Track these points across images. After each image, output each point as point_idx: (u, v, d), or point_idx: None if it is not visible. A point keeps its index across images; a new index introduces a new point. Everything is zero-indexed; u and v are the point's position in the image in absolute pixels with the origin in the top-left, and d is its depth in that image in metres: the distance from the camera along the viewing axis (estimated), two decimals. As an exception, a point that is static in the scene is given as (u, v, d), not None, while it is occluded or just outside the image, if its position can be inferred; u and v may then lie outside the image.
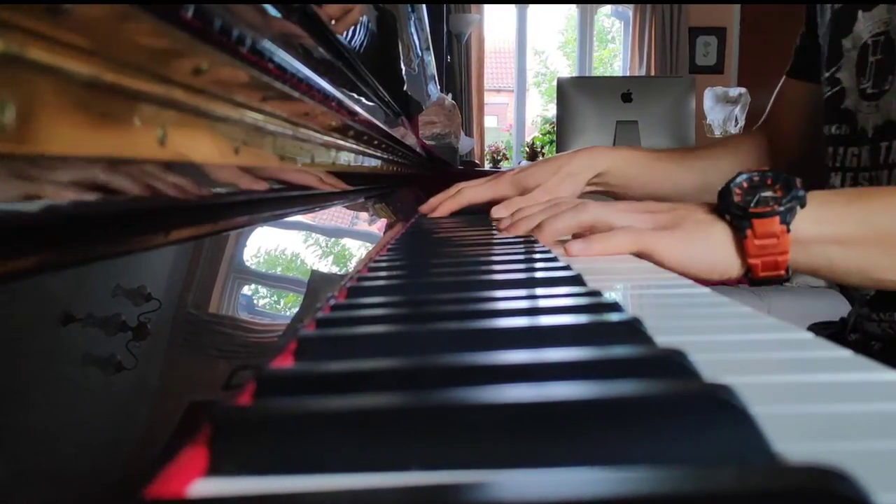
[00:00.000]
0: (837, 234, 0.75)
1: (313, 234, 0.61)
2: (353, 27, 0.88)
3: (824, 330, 1.18)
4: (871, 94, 1.02)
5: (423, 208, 1.22)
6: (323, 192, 0.70)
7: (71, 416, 0.22)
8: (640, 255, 0.77)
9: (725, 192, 0.76)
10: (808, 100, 1.21)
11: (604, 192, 1.26)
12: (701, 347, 0.34)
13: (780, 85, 1.28)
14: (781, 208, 0.73)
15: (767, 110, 1.30)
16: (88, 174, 0.25)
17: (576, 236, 0.83)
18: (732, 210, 0.75)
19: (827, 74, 1.09)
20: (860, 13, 1.03)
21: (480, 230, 0.99)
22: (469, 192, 1.21)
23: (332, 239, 0.69)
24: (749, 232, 0.74)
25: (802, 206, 0.74)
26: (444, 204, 1.21)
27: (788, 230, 0.73)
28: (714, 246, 0.77)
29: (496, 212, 1.09)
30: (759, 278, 0.76)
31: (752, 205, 0.74)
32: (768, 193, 0.74)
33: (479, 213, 1.20)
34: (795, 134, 1.24)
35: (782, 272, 0.75)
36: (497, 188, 1.20)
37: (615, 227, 0.80)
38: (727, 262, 0.77)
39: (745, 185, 0.76)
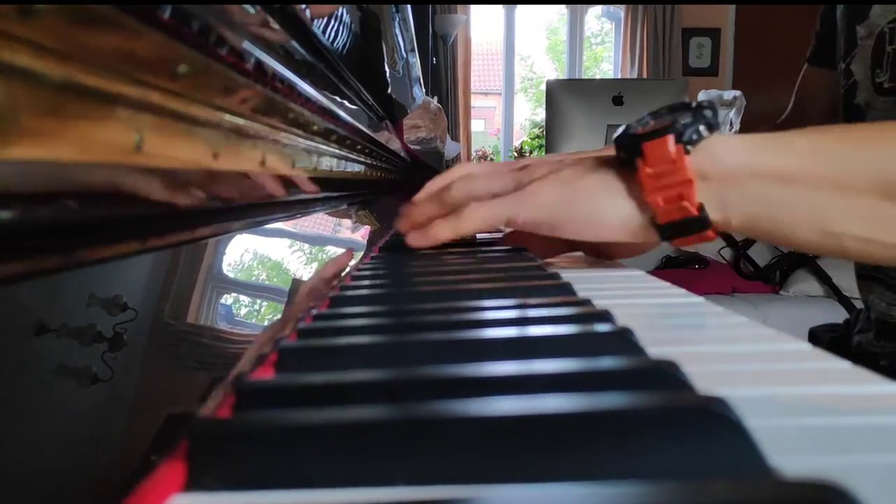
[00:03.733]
0: (776, 165, 0.59)
1: (294, 242, 0.61)
2: (335, 28, 0.88)
3: (828, 333, 1.14)
4: (888, 88, 0.92)
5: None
6: (304, 198, 0.70)
7: (44, 430, 0.22)
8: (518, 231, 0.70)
9: (625, 129, 0.64)
10: (833, 89, 1.11)
11: None
12: (694, 358, 0.34)
13: (801, 72, 1.19)
14: (676, 126, 0.60)
15: (792, 101, 1.22)
16: (63, 180, 0.25)
17: None
18: (623, 141, 0.63)
19: (843, 66, 1.01)
20: None
21: (466, 238, 0.99)
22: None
23: (314, 246, 0.69)
24: (639, 161, 0.61)
25: (711, 127, 0.60)
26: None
27: (687, 151, 0.59)
28: (599, 192, 0.65)
29: None
30: (666, 223, 0.62)
31: (641, 126, 0.62)
32: (671, 117, 0.61)
33: None
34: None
35: (694, 212, 0.60)
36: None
37: (479, 199, 0.71)
38: (621, 212, 0.64)
39: (651, 121, 0.63)
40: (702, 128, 0.59)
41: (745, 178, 0.59)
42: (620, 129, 0.64)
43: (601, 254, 0.82)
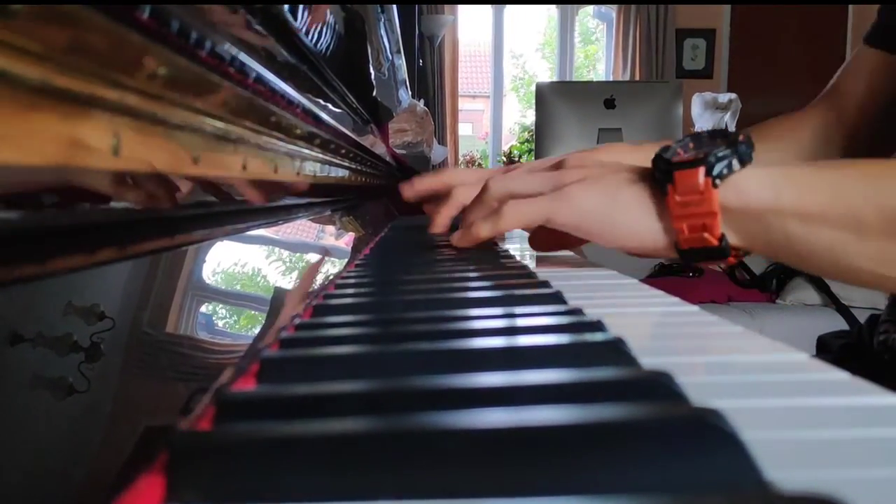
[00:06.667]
0: (798, 205, 0.64)
1: (277, 249, 0.61)
2: (318, 29, 0.88)
3: (837, 339, 1.14)
4: None
5: (407, 192, 1.05)
6: (287, 204, 0.70)
7: (18, 443, 0.22)
8: (545, 227, 0.76)
9: (662, 151, 0.69)
10: (886, 74, 1.09)
11: None
12: (689, 369, 0.34)
13: (854, 52, 1.16)
14: (709, 158, 0.65)
15: (833, 81, 1.18)
16: (38, 185, 0.25)
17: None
18: (658, 165, 0.68)
19: None
20: None
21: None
22: (465, 193, 0.99)
23: (297, 254, 0.69)
24: (670, 187, 0.67)
25: (743, 161, 0.65)
26: (441, 214, 1.00)
27: (715, 185, 0.65)
28: (635, 208, 0.71)
29: None
30: (687, 248, 0.68)
31: (681, 149, 0.68)
32: (707, 149, 0.67)
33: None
34: (871, 111, 1.10)
35: (714, 241, 0.67)
36: None
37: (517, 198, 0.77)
38: (651, 230, 0.71)
39: (690, 144, 0.69)
40: (734, 162, 0.65)
41: (767, 214, 0.65)
42: (663, 149, 0.69)
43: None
